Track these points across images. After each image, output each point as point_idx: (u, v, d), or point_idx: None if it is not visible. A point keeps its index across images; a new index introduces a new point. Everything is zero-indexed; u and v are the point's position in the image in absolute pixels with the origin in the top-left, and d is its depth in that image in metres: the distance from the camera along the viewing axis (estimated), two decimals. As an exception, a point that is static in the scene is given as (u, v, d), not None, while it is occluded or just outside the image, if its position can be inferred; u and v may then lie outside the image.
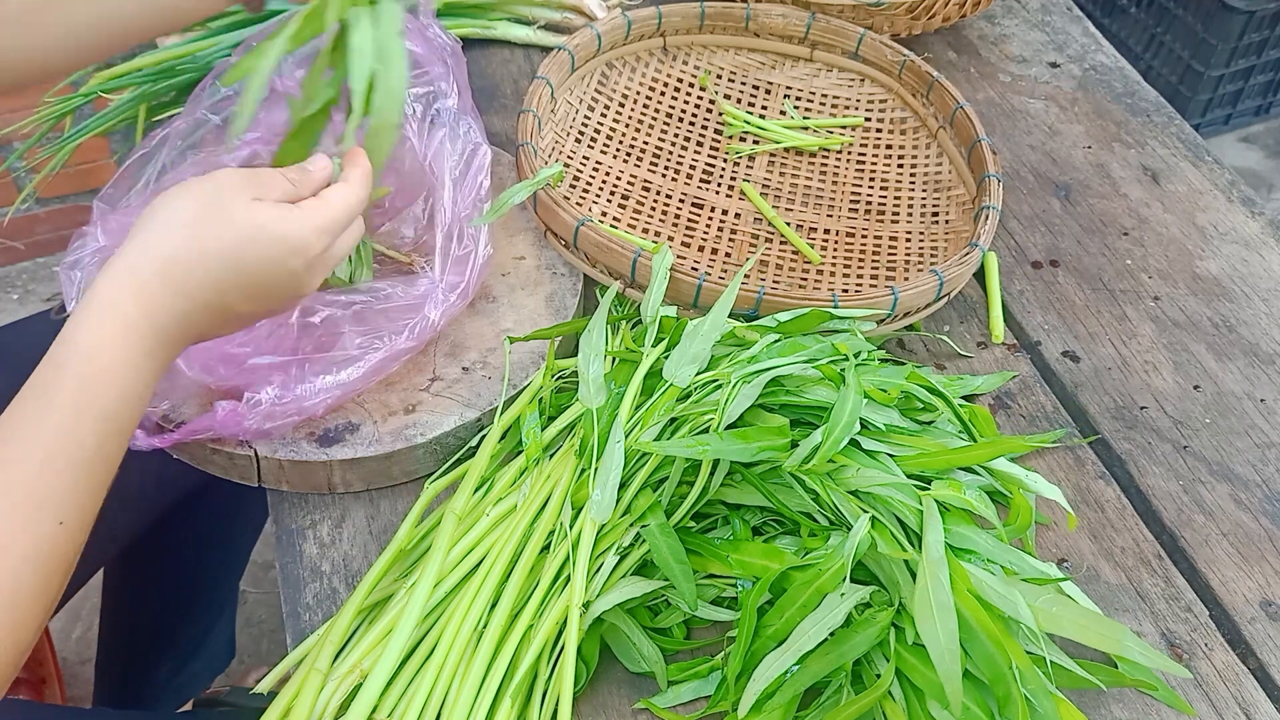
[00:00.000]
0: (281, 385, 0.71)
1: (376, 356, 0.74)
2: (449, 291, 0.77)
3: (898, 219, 0.99)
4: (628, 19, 1.03)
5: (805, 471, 0.68)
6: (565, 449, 0.73)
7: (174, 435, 0.72)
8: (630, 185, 0.98)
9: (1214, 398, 0.87)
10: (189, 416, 0.73)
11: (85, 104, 1.06)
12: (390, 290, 0.75)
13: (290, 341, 0.73)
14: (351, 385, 0.73)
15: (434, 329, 0.76)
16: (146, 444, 0.72)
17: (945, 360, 0.88)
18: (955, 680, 0.59)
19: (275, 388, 0.71)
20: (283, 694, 0.64)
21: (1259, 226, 1.01)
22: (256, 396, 0.71)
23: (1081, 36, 1.21)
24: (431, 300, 0.76)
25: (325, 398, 0.72)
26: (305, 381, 0.72)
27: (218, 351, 0.71)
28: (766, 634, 0.64)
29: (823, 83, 1.09)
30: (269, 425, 0.71)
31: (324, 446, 0.74)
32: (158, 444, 0.72)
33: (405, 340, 0.75)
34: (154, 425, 0.74)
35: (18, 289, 1.99)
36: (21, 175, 1.72)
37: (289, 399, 0.71)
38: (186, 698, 1.28)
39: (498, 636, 0.65)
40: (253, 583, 1.62)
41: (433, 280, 0.76)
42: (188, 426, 0.72)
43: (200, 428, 0.71)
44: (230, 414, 0.70)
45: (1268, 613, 0.74)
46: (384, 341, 0.74)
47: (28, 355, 0.58)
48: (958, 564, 0.64)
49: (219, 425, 0.71)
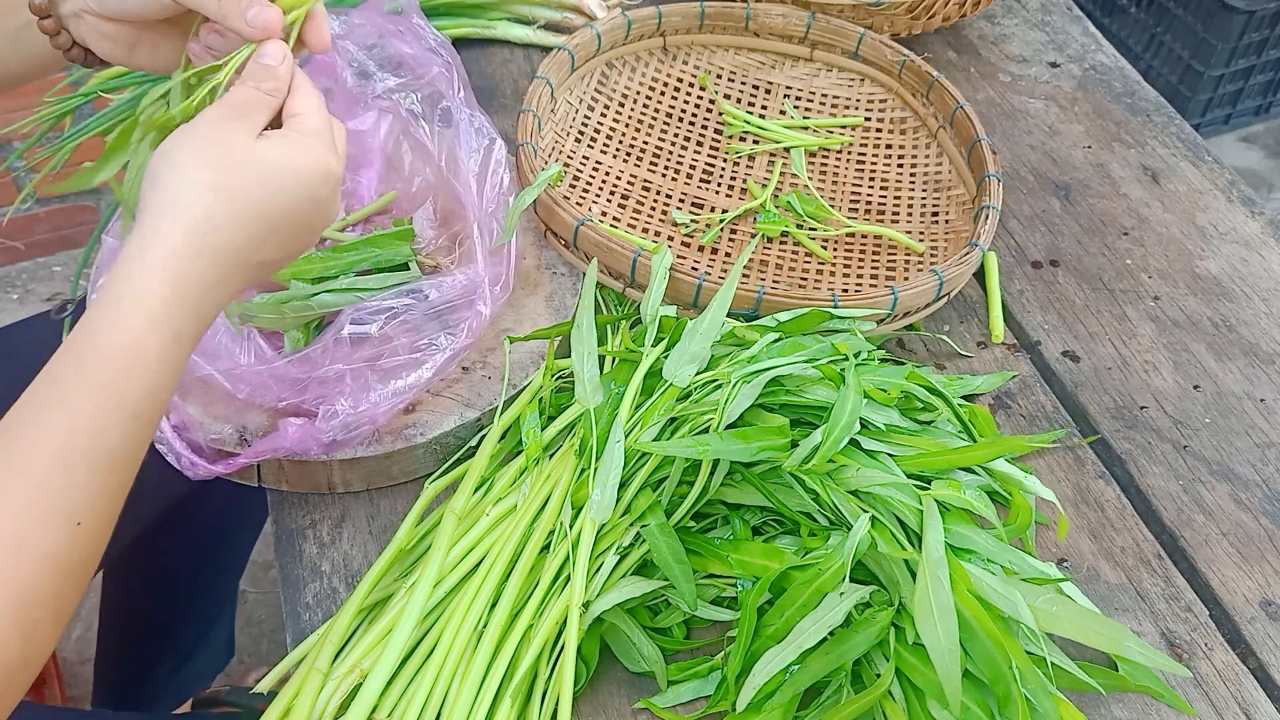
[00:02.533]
0: (353, 396, 0.71)
1: (441, 357, 0.74)
2: (493, 285, 0.77)
3: (898, 219, 0.99)
4: (628, 19, 1.03)
5: (805, 471, 0.68)
6: (565, 449, 0.73)
7: (239, 459, 0.71)
8: (630, 185, 0.98)
9: (1214, 397, 0.87)
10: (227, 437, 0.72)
11: (85, 104, 1.06)
12: (429, 293, 0.75)
13: (344, 353, 0.72)
14: (420, 388, 0.73)
15: (485, 323, 0.77)
16: (208, 472, 0.71)
17: (945, 360, 0.88)
18: (955, 680, 0.59)
19: (348, 399, 0.70)
20: (283, 694, 0.64)
21: (1259, 226, 1.01)
22: (332, 409, 0.70)
23: (1081, 36, 1.21)
24: (480, 296, 0.76)
25: (398, 401, 0.72)
26: (374, 389, 0.72)
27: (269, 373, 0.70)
28: (766, 634, 0.64)
29: (823, 82, 1.09)
30: (346, 437, 0.71)
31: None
32: (220, 470, 0.71)
33: (465, 338, 0.75)
34: (214, 451, 0.72)
35: (18, 289, 1.99)
36: (21, 175, 1.72)
37: (363, 408, 0.71)
38: (186, 697, 1.28)
39: (498, 636, 0.65)
40: (253, 583, 1.62)
41: (475, 276, 0.77)
42: (255, 448, 0.71)
43: (268, 449, 0.70)
44: (303, 430, 0.69)
45: (1268, 612, 0.74)
46: (443, 341, 0.74)
47: (28, 355, 0.57)
48: (958, 564, 0.64)
49: (292, 443, 0.70)
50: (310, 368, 0.71)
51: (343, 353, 0.71)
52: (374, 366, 0.72)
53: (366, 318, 0.72)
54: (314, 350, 0.71)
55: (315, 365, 0.71)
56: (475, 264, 0.77)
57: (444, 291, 0.75)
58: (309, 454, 0.71)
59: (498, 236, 0.79)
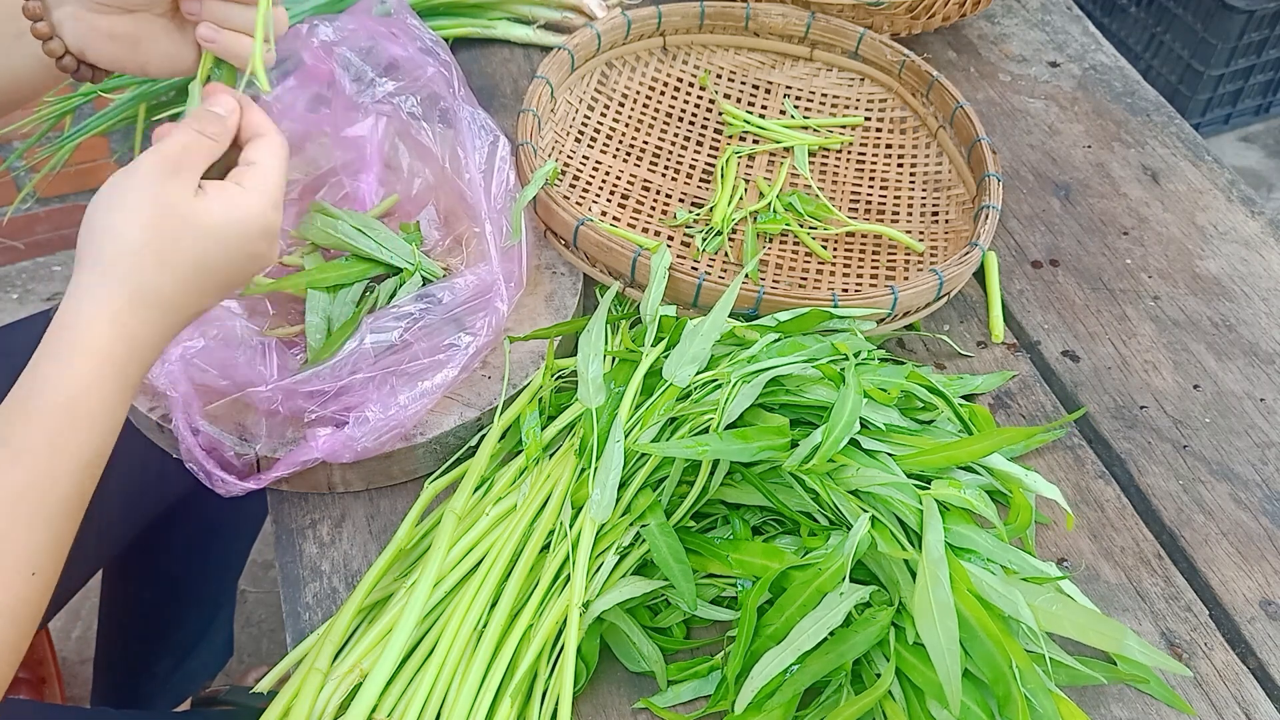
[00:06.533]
0: (382, 402, 0.71)
1: (464, 357, 0.74)
2: (507, 282, 0.78)
3: (898, 219, 0.99)
4: (627, 18, 1.03)
5: (805, 471, 0.68)
6: (565, 449, 0.73)
7: (272, 473, 0.71)
8: (630, 185, 0.98)
9: (1214, 397, 0.87)
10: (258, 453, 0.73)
11: (85, 103, 1.06)
12: (442, 295, 0.76)
13: (368, 362, 0.72)
14: (447, 387, 0.74)
15: (504, 320, 0.77)
16: (241, 489, 0.71)
17: (945, 360, 0.88)
18: (955, 680, 0.59)
19: (378, 405, 0.71)
20: (282, 693, 0.64)
21: (1259, 226, 1.01)
22: (363, 415, 0.71)
23: (1081, 36, 1.20)
24: (497, 293, 0.77)
25: (427, 403, 0.73)
26: (401, 393, 0.72)
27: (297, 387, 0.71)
28: (766, 633, 0.64)
29: (823, 82, 1.09)
30: (378, 441, 0.71)
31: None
32: (252, 486, 0.72)
33: (485, 335, 0.76)
34: (246, 467, 0.73)
35: (18, 289, 1.99)
36: (21, 175, 1.72)
37: (393, 411, 0.71)
38: (185, 695, 1.28)
39: (498, 636, 0.65)
40: (253, 582, 1.63)
41: (490, 274, 0.77)
42: (287, 460, 0.71)
43: (299, 460, 0.71)
44: (334, 439, 0.70)
45: (1267, 612, 0.74)
46: (464, 341, 0.75)
47: (28, 355, 0.57)
48: (958, 563, 0.64)
49: (324, 452, 0.70)
50: (335, 378, 0.71)
51: (366, 362, 0.72)
52: (398, 371, 0.73)
53: (386, 325, 0.73)
54: (338, 361, 0.71)
55: (340, 376, 0.71)
56: (490, 261, 0.77)
57: (458, 294, 0.76)
58: (341, 461, 0.72)
59: (507, 235, 0.79)
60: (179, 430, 0.71)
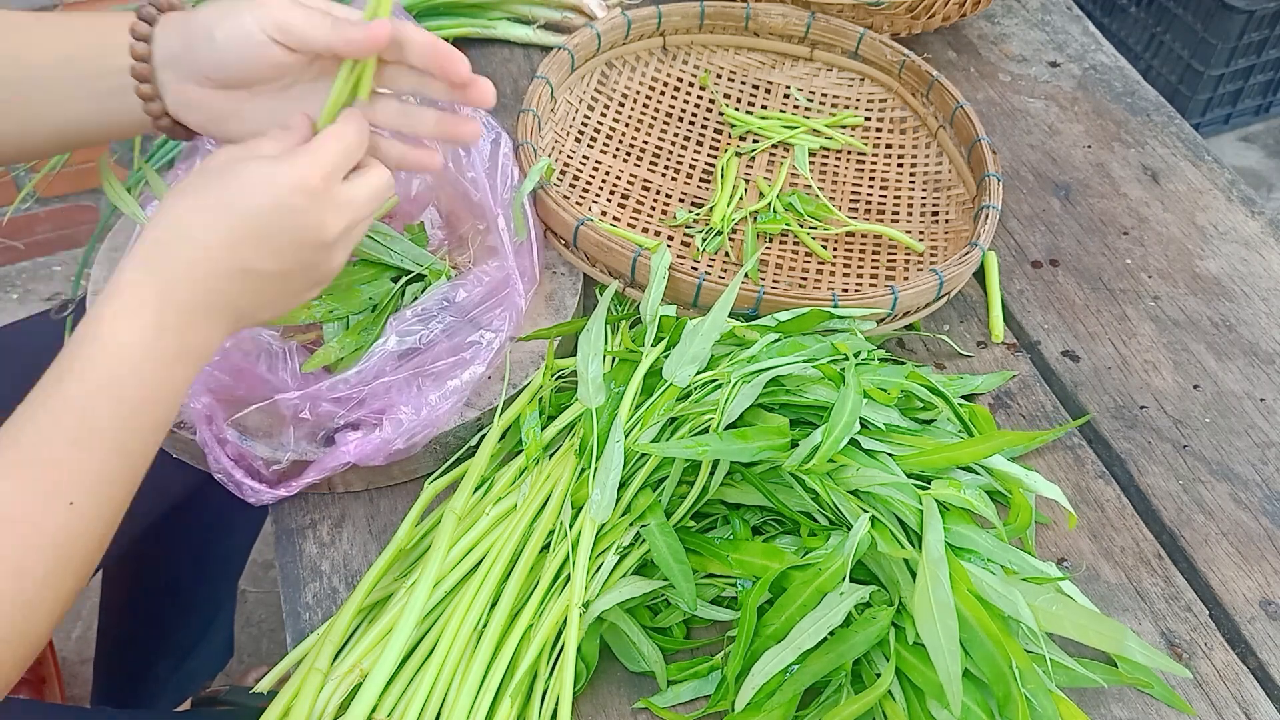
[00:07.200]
0: (412, 403, 0.71)
1: (489, 352, 0.75)
2: (523, 277, 0.78)
3: (898, 219, 0.99)
4: (627, 18, 1.03)
5: (805, 471, 0.68)
6: (565, 449, 0.73)
7: (303, 479, 0.71)
8: (630, 185, 0.98)
9: (1214, 397, 0.87)
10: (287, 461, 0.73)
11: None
12: (457, 295, 0.76)
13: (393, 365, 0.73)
14: (475, 383, 0.74)
15: (522, 314, 0.77)
16: (272, 496, 0.72)
17: (945, 360, 0.88)
18: (955, 680, 0.59)
19: (409, 406, 0.71)
20: (283, 693, 0.64)
21: (1259, 226, 1.01)
22: (397, 417, 0.71)
23: (1081, 36, 1.21)
24: (514, 288, 0.77)
25: (457, 400, 0.73)
26: (430, 393, 0.72)
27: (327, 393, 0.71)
28: (766, 633, 0.64)
29: (823, 82, 1.09)
30: (410, 442, 0.71)
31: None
32: (283, 493, 0.72)
33: (507, 331, 0.76)
34: (275, 476, 0.73)
35: (18, 289, 1.99)
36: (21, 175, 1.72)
37: (425, 411, 0.71)
38: (185, 695, 1.28)
39: (497, 636, 0.65)
40: (253, 582, 1.63)
41: (504, 268, 0.77)
42: (317, 465, 0.71)
43: (330, 465, 0.71)
44: (367, 442, 0.70)
45: (1267, 612, 0.74)
46: (486, 337, 0.75)
47: (28, 355, 0.57)
48: (958, 563, 0.64)
49: (356, 456, 0.70)
50: (362, 383, 0.71)
51: (391, 365, 0.72)
52: (423, 372, 0.73)
53: (412, 328, 0.73)
54: (365, 366, 0.71)
55: (367, 380, 0.71)
56: (504, 257, 0.77)
57: (473, 292, 0.76)
58: (374, 464, 0.72)
59: (514, 232, 0.80)
60: (205, 441, 0.71)
